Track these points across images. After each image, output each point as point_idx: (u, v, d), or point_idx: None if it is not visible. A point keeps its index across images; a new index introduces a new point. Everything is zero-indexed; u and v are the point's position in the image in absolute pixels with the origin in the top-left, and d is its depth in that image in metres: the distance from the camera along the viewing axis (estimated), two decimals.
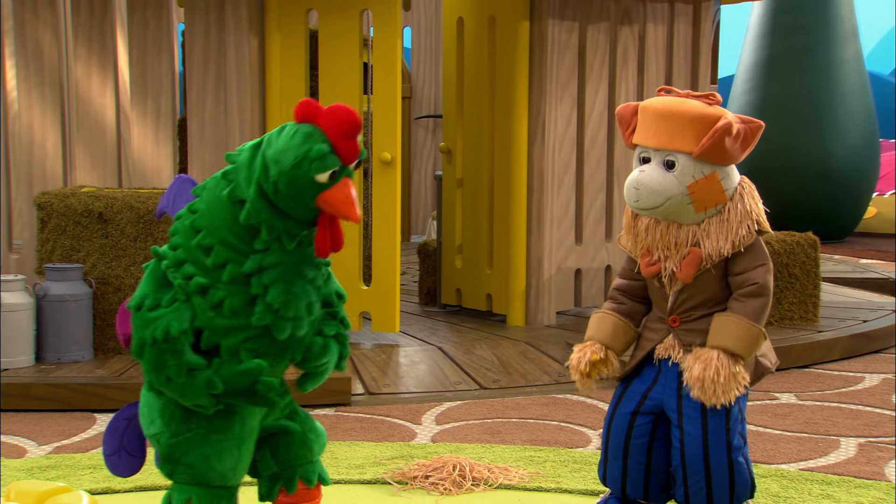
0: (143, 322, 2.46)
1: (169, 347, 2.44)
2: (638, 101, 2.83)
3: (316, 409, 4.53)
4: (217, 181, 2.46)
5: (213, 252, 2.43)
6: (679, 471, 2.81)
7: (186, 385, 2.45)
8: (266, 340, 2.48)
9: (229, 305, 2.43)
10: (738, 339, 2.70)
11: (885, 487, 3.50)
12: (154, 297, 2.47)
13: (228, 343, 2.47)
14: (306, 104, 2.38)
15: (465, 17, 6.39)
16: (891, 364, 5.51)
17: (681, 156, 2.68)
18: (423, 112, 10.78)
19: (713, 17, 6.66)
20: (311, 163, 2.33)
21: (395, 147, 5.56)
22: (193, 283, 2.43)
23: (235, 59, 5.51)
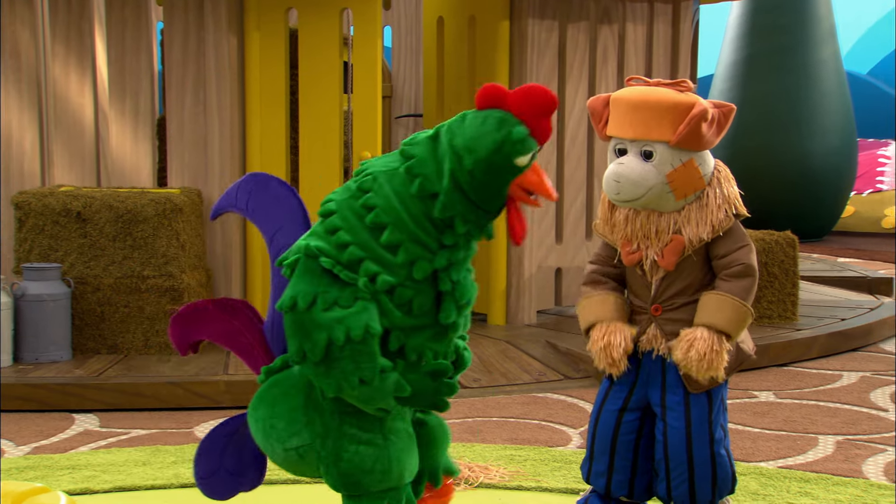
0: (315, 324, 2.29)
1: (365, 349, 2.29)
2: (608, 93, 2.83)
3: None
4: (391, 176, 2.33)
5: (401, 249, 2.30)
6: (662, 464, 2.82)
7: (377, 388, 2.32)
8: (445, 340, 2.39)
9: (419, 304, 2.32)
10: (727, 317, 2.72)
11: (863, 485, 3.53)
12: (326, 297, 2.30)
13: (414, 343, 2.35)
14: (491, 88, 2.32)
15: (445, 16, 6.39)
16: (868, 362, 5.54)
17: (658, 145, 2.69)
18: (403, 111, 10.76)
19: (692, 16, 6.68)
20: (513, 146, 2.27)
21: (376, 146, 5.55)
22: (381, 281, 2.29)
23: (215, 58, 5.49)
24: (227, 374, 4.78)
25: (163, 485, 3.50)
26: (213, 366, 4.92)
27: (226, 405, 4.56)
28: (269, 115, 5.60)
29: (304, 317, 2.30)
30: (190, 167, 5.55)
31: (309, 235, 2.38)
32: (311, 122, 5.59)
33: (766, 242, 5.93)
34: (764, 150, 10.05)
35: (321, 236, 2.35)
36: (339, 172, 5.61)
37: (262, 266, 5.63)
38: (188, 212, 5.23)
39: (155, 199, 5.12)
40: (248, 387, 4.60)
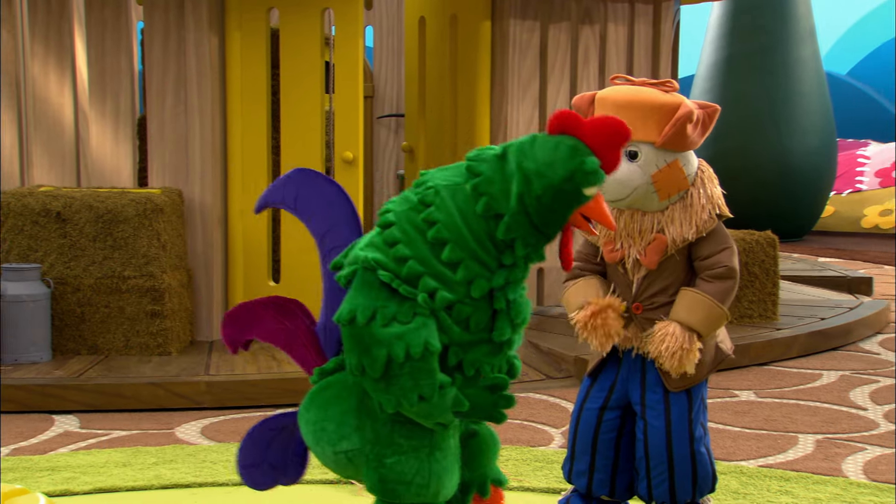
0: (375, 339, 2.27)
1: (424, 365, 2.27)
2: (593, 92, 2.83)
3: (278, 409, 4.51)
4: (454, 191, 2.31)
5: (461, 266, 2.28)
6: (642, 463, 2.83)
7: (436, 404, 2.30)
8: (500, 355, 2.38)
9: (476, 321, 2.30)
10: (701, 317, 2.74)
11: (843, 483, 3.55)
12: (385, 312, 2.27)
13: (471, 358, 2.33)
14: (566, 115, 2.28)
15: (426, 16, 6.39)
16: (848, 361, 5.58)
17: (643, 146, 2.70)
18: (385, 111, 10.76)
19: (673, 17, 6.71)
20: (585, 176, 2.24)
21: (357, 146, 5.55)
22: (440, 298, 2.27)
23: (195, 58, 5.47)
24: (208, 374, 4.77)
25: (143, 486, 3.48)
26: (193, 366, 4.90)
27: (207, 406, 4.55)
28: (251, 115, 5.59)
29: (363, 332, 2.28)
30: (170, 167, 5.54)
31: (366, 246, 2.35)
32: (292, 122, 5.58)
33: (747, 242, 5.96)
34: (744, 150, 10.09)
35: (379, 248, 2.32)
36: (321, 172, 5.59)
37: (243, 266, 5.62)
38: (169, 212, 5.21)
39: (135, 199, 5.10)
40: (230, 387, 4.61)
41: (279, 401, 4.58)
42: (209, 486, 3.50)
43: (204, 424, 4.32)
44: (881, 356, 5.69)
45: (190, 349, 5.31)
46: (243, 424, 4.30)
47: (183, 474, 3.58)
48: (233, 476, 3.57)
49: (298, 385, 4.60)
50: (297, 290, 5.61)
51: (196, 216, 5.52)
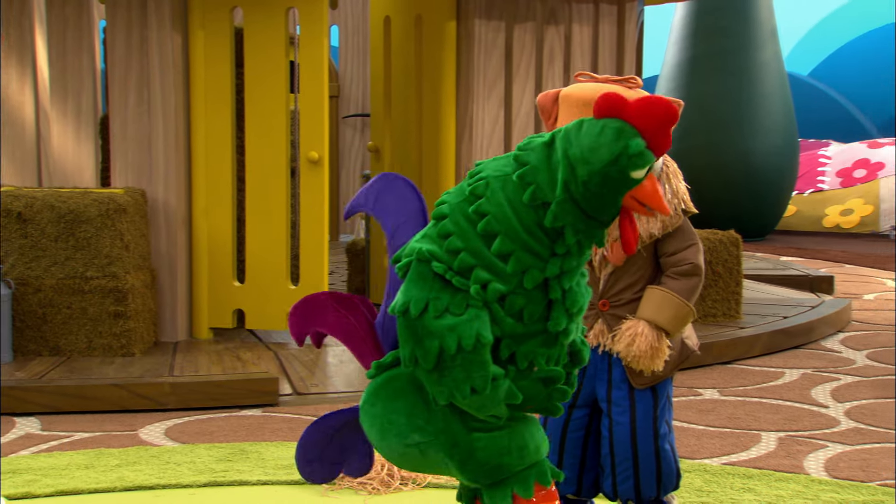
0: (427, 331, 2.26)
1: (476, 358, 2.25)
2: (557, 89, 2.84)
3: (243, 410, 4.50)
4: (504, 182, 2.29)
5: (512, 258, 2.25)
6: (608, 459, 2.85)
7: (489, 397, 2.28)
8: (556, 346, 2.34)
9: (529, 312, 2.28)
10: (669, 315, 2.76)
11: (804, 480, 3.58)
12: (437, 304, 2.26)
13: (525, 350, 2.31)
14: (611, 97, 2.23)
15: (391, 16, 6.38)
16: (810, 359, 5.63)
17: None
18: (351, 111, 10.74)
19: (637, 17, 6.74)
20: (630, 159, 2.19)
21: (323, 146, 5.53)
22: (491, 289, 2.25)
23: (158, 57, 5.43)
24: (172, 375, 4.74)
25: (106, 488, 3.46)
26: (157, 367, 4.87)
27: (171, 407, 4.51)
28: (215, 115, 5.55)
29: (416, 323, 2.28)
30: (133, 167, 5.49)
31: (422, 238, 2.35)
32: (257, 121, 5.56)
33: (711, 242, 6.01)
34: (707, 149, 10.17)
35: (434, 240, 2.32)
36: (286, 172, 5.58)
37: (207, 266, 5.59)
38: (132, 212, 5.17)
39: (98, 199, 5.06)
40: (194, 387, 4.58)
41: (244, 401, 4.56)
42: (173, 488, 3.48)
43: (168, 426, 4.29)
44: (842, 354, 5.75)
45: (154, 350, 5.27)
46: (208, 425, 4.28)
47: (146, 476, 3.56)
48: (197, 477, 3.55)
49: (263, 386, 4.60)
50: (261, 290, 5.58)
51: (160, 216, 5.48)
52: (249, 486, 3.50)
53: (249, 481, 3.52)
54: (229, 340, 5.56)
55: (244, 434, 4.15)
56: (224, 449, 3.88)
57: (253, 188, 5.59)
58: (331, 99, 10.60)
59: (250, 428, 4.24)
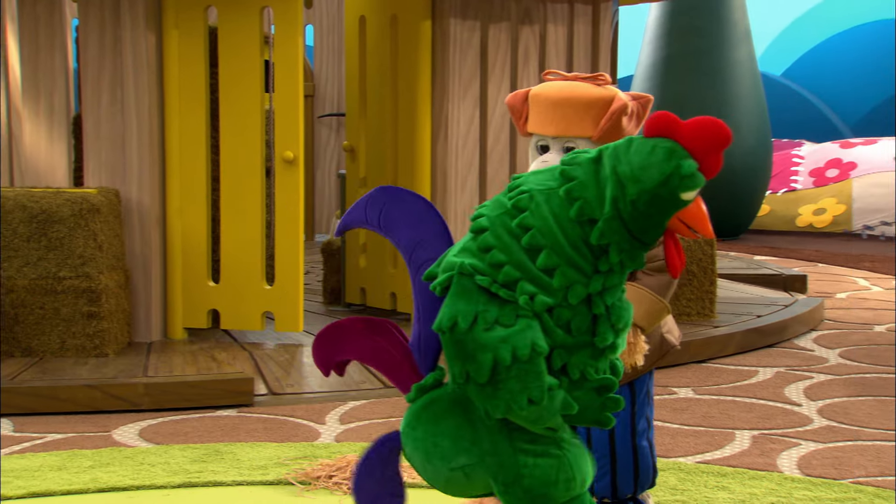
0: (478, 344, 2.21)
1: (532, 368, 2.21)
2: (526, 88, 2.83)
3: (218, 410, 4.48)
4: (549, 196, 2.25)
5: (557, 272, 2.22)
6: None
7: (546, 408, 2.24)
8: (603, 359, 2.31)
9: (577, 324, 2.25)
10: (642, 311, 2.77)
11: (777, 478, 3.61)
12: (486, 316, 2.21)
13: (576, 360, 2.27)
14: (663, 117, 2.19)
15: (367, 15, 6.38)
16: (783, 358, 5.67)
17: (581, 141, 2.71)
18: (326, 110, 10.72)
19: (612, 17, 6.76)
20: (681, 180, 2.14)
21: (298, 145, 5.52)
22: (539, 301, 2.22)
23: (132, 56, 5.40)
24: (146, 376, 4.71)
25: (79, 490, 3.43)
26: (131, 368, 4.84)
27: (145, 408, 4.49)
28: (189, 114, 5.53)
29: (465, 338, 2.22)
30: (107, 166, 5.46)
31: (460, 252, 2.30)
32: (231, 121, 5.54)
33: (685, 241, 6.04)
34: None
35: (474, 254, 2.27)
36: (261, 172, 5.56)
37: (181, 266, 5.56)
38: (106, 212, 5.14)
39: (71, 198, 5.02)
40: (168, 388, 4.56)
41: (218, 402, 4.54)
42: (147, 489, 3.46)
43: (142, 426, 4.27)
44: (815, 353, 5.80)
45: (128, 350, 5.24)
46: (182, 426, 4.26)
47: (120, 477, 3.54)
48: (171, 478, 3.53)
49: (238, 386, 4.58)
50: (236, 291, 5.57)
51: (133, 216, 5.45)
52: (224, 486, 3.49)
53: (224, 482, 3.51)
54: (204, 340, 5.54)
55: (219, 435, 4.13)
56: (199, 450, 3.87)
57: (227, 188, 5.57)
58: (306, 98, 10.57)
59: (225, 428, 4.22)
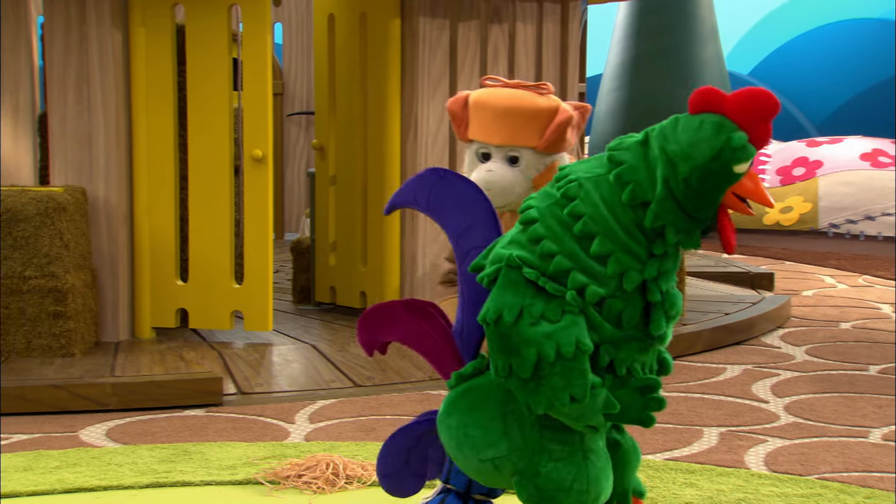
0: (523, 339, 2.19)
1: (577, 365, 2.18)
2: (465, 93, 2.81)
3: (186, 410, 4.45)
4: (598, 182, 2.22)
5: (611, 259, 2.18)
6: None
7: (588, 406, 2.22)
8: (651, 352, 2.28)
9: (628, 316, 2.22)
10: None
11: (745, 475, 3.64)
12: (532, 311, 2.19)
13: (622, 356, 2.24)
14: (707, 92, 2.17)
15: (335, 13, 6.36)
16: (751, 355, 5.72)
17: (524, 150, 2.72)
18: (295, 109, 10.69)
19: (581, 16, 6.79)
20: (734, 153, 2.12)
21: (267, 144, 5.49)
22: (590, 293, 2.18)
23: (98, 54, 5.36)
24: (113, 375, 4.68)
25: (45, 490, 3.40)
26: (98, 368, 4.81)
27: (112, 408, 4.46)
28: (157, 112, 5.49)
29: (510, 331, 2.20)
30: (73, 165, 5.41)
31: (509, 244, 2.27)
32: (199, 119, 5.51)
33: None
34: None
35: (523, 245, 2.24)
36: (230, 170, 5.54)
37: (149, 265, 5.52)
38: (72, 210, 5.09)
39: (36, 197, 4.98)
40: (136, 388, 4.52)
41: (187, 401, 4.51)
42: (114, 490, 3.44)
43: (109, 427, 4.24)
44: (782, 350, 5.84)
45: (95, 350, 5.20)
46: (150, 426, 4.23)
47: (87, 478, 3.51)
48: (139, 478, 3.51)
49: (206, 386, 4.55)
50: (205, 289, 5.54)
51: (100, 215, 5.41)
52: (193, 486, 3.47)
53: (193, 482, 3.49)
54: (172, 340, 5.51)
55: (187, 434, 4.11)
56: (167, 449, 3.84)
57: (196, 186, 5.54)
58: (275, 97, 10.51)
59: (194, 428, 4.20)
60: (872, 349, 5.75)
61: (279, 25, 10.71)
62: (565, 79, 6.61)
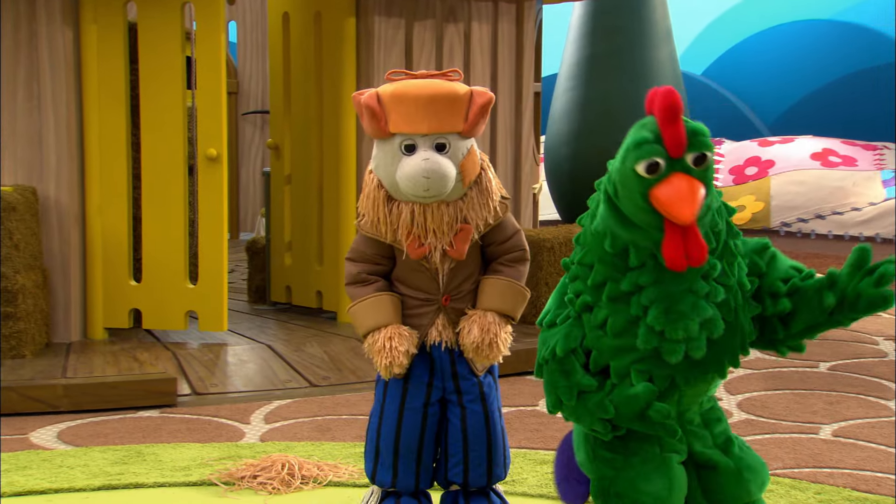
0: (541, 340, 2.37)
1: (558, 367, 2.30)
2: (371, 90, 2.77)
3: (140, 411, 4.41)
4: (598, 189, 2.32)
5: (593, 270, 2.26)
6: (460, 448, 2.88)
7: (578, 408, 2.30)
8: (659, 363, 2.25)
9: (611, 325, 2.25)
10: (513, 302, 2.82)
11: None
12: (553, 314, 2.37)
13: (617, 364, 2.28)
14: (649, 93, 2.14)
15: (290, 12, 6.33)
16: None
17: (451, 136, 2.72)
18: (250, 108, 10.62)
19: (535, 16, 6.81)
20: (631, 152, 2.09)
21: (221, 143, 5.46)
22: (580, 300, 2.29)
23: (48, 51, 5.29)
24: (65, 377, 4.62)
25: None
26: (50, 369, 4.75)
27: (64, 409, 4.40)
28: (109, 111, 5.43)
29: (542, 334, 2.43)
30: (23, 164, 5.34)
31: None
32: (152, 118, 5.46)
33: None
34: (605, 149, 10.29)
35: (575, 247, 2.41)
36: (184, 170, 5.49)
37: (102, 265, 5.46)
38: (22, 210, 5.02)
39: None
40: (88, 389, 4.47)
41: (140, 403, 4.47)
42: (66, 492, 3.39)
43: (61, 429, 4.19)
44: None
45: (46, 351, 5.14)
46: (103, 427, 4.18)
47: (38, 481, 3.46)
48: (90, 481, 3.47)
49: (160, 386, 4.51)
50: (159, 290, 5.49)
51: (52, 214, 5.35)
52: (146, 488, 3.44)
53: (146, 483, 3.46)
54: (125, 341, 5.45)
55: (140, 436, 4.07)
56: (119, 451, 3.80)
57: (149, 185, 5.49)
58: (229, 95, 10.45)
59: (147, 429, 4.16)
60: (823, 346, 5.83)
61: (233, 24, 10.64)
62: (521, 78, 6.64)
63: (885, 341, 5.97)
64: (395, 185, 2.72)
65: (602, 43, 10.80)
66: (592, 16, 10.84)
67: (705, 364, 2.25)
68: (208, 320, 5.50)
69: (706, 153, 2.11)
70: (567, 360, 2.29)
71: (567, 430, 2.68)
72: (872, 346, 5.85)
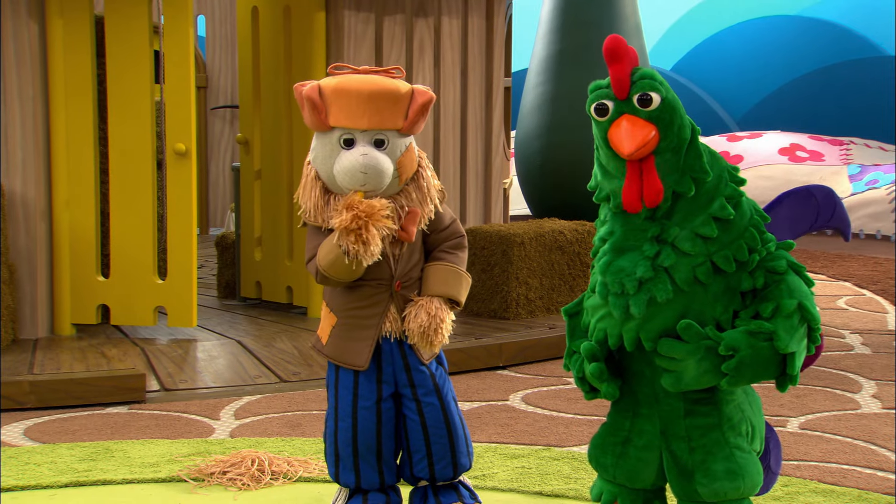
0: None
1: (567, 326, 2.56)
2: (313, 82, 2.78)
3: (108, 408, 4.38)
4: None
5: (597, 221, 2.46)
6: (422, 443, 2.89)
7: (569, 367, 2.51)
8: (612, 321, 2.35)
9: (591, 282, 2.42)
10: (457, 287, 2.86)
11: None
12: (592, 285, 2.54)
13: (590, 322, 2.44)
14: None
15: (259, 6, 6.30)
16: None
17: (390, 133, 2.74)
18: (219, 102, 10.56)
19: (506, 11, 6.82)
20: (589, 95, 2.30)
21: (190, 138, 5.42)
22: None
23: (13, 45, 5.24)
24: (31, 374, 4.58)
25: None
26: (16, 366, 4.70)
27: (31, 406, 4.36)
28: (76, 105, 5.39)
29: None
30: None
31: None
32: (120, 112, 5.41)
33: (579, 233, 6.12)
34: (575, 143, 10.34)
35: None
36: (152, 164, 5.45)
37: (69, 260, 5.42)
38: None
39: None
40: (55, 386, 4.43)
41: (108, 399, 4.44)
42: (32, 489, 3.37)
43: (28, 425, 4.15)
44: None
45: (13, 348, 5.09)
46: (70, 424, 4.15)
47: (4, 478, 3.43)
48: (58, 478, 3.44)
49: (129, 382, 4.48)
50: (127, 285, 5.45)
51: (17, 209, 5.29)
52: (114, 485, 3.42)
53: (114, 480, 3.44)
54: (93, 337, 5.41)
55: (109, 433, 4.04)
56: (87, 448, 3.78)
57: (117, 180, 5.45)
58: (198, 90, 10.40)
59: (116, 426, 4.13)
60: None
61: (202, 17, 10.57)
62: (491, 73, 6.64)
63: (851, 335, 6.02)
64: (333, 178, 2.75)
65: (572, 38, 10.82)
66: (563, 11, 10.86)
67: (654, 329, 2.31)
68: (177, 316, 5.47)
69: (650, 93, 2.24)
70: (569, 322, 2.53)
71: None
72: (839, 339, 5.90)
